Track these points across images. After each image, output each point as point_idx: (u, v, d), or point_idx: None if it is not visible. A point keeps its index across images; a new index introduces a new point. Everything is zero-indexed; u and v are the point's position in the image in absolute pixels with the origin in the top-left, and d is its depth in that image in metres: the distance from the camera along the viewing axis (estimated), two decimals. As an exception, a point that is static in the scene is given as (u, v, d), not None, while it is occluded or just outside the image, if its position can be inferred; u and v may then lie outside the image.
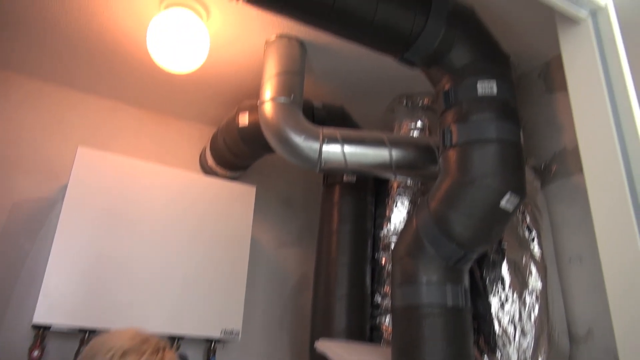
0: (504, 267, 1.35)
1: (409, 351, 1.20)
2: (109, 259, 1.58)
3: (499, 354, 1.28)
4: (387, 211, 1.78)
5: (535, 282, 1.34)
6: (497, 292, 1.34)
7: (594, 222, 1.18)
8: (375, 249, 1.80)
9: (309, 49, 1.70)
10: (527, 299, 1.32)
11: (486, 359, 1.30)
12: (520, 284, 1.33)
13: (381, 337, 1.65)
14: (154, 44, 1.50)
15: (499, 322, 1.30)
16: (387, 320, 1.65)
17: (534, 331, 1.29)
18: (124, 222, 1.65)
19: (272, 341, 2.05)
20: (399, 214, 1.74)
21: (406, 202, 1.75)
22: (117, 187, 1.67)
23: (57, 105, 1.95)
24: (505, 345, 1.28)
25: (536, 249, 1.39)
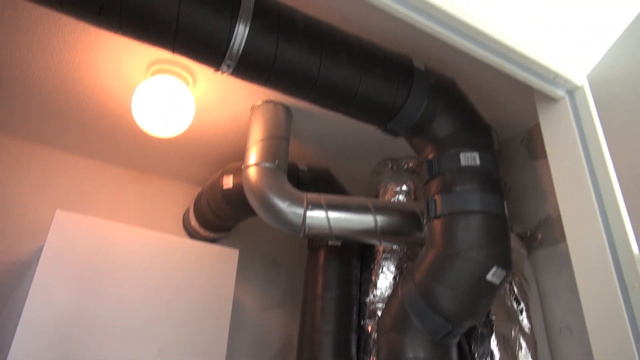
0: (493, 341, 1.31)
1: None
2: (83, 324, 1.50)
3: None
4: (373, 276, 1.74)
5: (525, 357, 1.30)
6: (487, 368, 1.29)
7: (580, 293, 1.17)
8: (361, 315, 1.74)
9: (295, 113, 1.72)
10: (518, 376, 1.27)
11: None
12: (510, 360, 1.29)
13: (367, 412, 1.57)
14: (140, 111, 1.50)
15: (489, 401, 1.25)
16: (373, 393, 1.58)
17: (525, 411, 1.23)
18: (101, 286, 1.58)
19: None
20: (385, 280, 1.71)
21: (392, 267, 1.72)
22: (95, 251, 1.62)
23: (39, 165, 1.93)
24: None
25: (525, 321, 1.36)
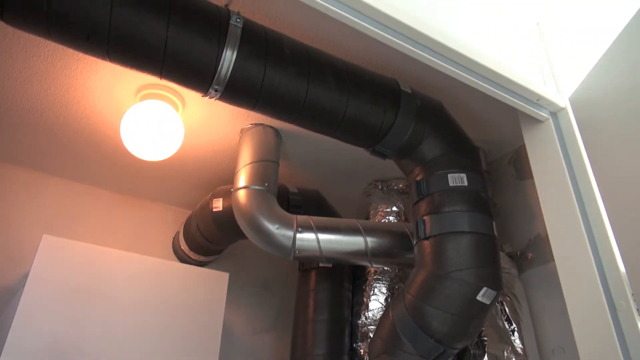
0: (485, 363, 1.30)
1: None
2: (69, 352, 1.47)
3: None
4: (365, 298, 1.73)
5: (518, 379, 1.29)
6: (480, 391, 1.27)
7: (569, 312, 1.17)
8: (353, 338, 1.72)
9: (284, 136, 1.73)
10: (511, 398, 1.26)
11: None
12: (502, 382, 1.28)
13: None
14: (128, 135, 1.50)
15: None
16: (366, 419, 1.55)
17: None
18: (88, 312, 1.56)
19: None
20: (376, 302, 1.69)
21: (384, 289, 1.71)
22: (82, 276, 1.60)
23: (25, 189, 1.91)
24: None
25: (517, 341, 1.35)
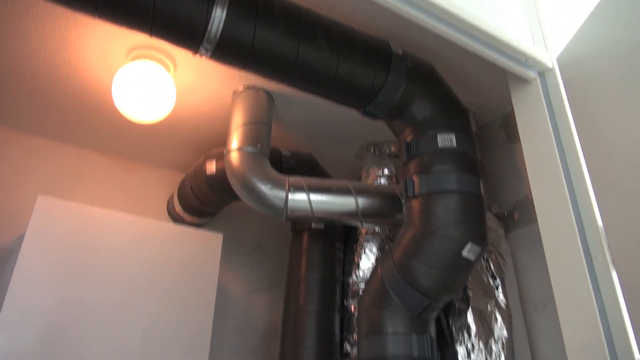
0: (470, 315, 1.36)
1: (375, 406, 1.18)
2: (67, 311, 1.52)
3: (466, 406, 1.27)
4: (356, 258, 1.77)
5: (500, 330, 1.35)
6: (463, 340, 1.33)
7: (549, 266, 1.21)
8: (344, 296, 1.78)
9: (277, 99, 1.73)
10: (493, 348, 1.32)
11: (454, 412, 1.28)
12: (486, 333, 1.34)
13: (351, 388, 1.61)
14: (120, 95, 1.50)
15: (466, 373, 1.30)
16: (356, 370, 1.62)
17: (500, 382, 1.29)
18: (85, 272, 1.60)
19: (240, 394, 1.98)
20: (367, 261, 1.74)
21: (374, 249, 1.76)
22: (78, 236, 1.63)
23: (19, 152, 1.92)
24: (472, 396, 1.27)
25: (501, 296, 1.40)
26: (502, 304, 1.39)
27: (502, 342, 1.34)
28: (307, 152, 1.92)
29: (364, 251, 1.77)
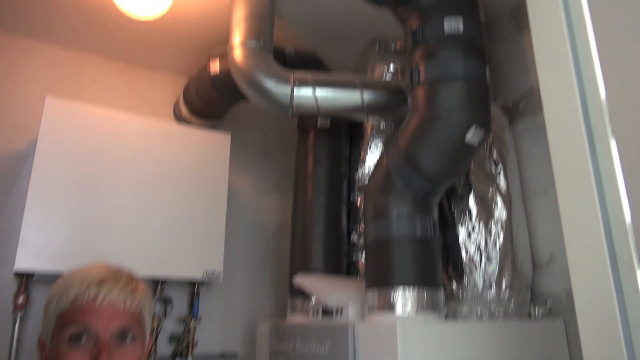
0: (471, 199, 1.41)
1: (381, 280, 1.27)
2: (86, 207, 1.60)
3: (466, 280, 1.36)
4: (362, 154, 1.81)
5: (500, 212, 1.41)
6: (465, 222, 1.40)
7: (552, 157, 1.24)
8: (350, 190, 1.85)
9: (278, -8, 1.68)
10: (493, 228, 1.39)
11: (454, 285, 1.38)
12: (486, 215, 1.40)
13: (357, 273, 1.73)
14: (117, -12, 1.46)
15: (466, 251, 1.38)
16: (363, 257, 1.72)
17: (498, 257, 1.37)
18: (99, 170, 1.66)
19: (254, 283, 2.13)
20: (373, 157, 1.78)
21: (380, 145, 1.79)
22: (89, 138, 1.67)
23: (21, 56, 1.90)
24: (472, 271, 1.36)
25: (502, 182, 1.45)
26: (503, 189, 1.44)
27: (501, 224, 1.40)
28: (310, 50, 1.89)
29: (370, 147, 1.80)
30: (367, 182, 1.42)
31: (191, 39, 1.94)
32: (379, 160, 1.41)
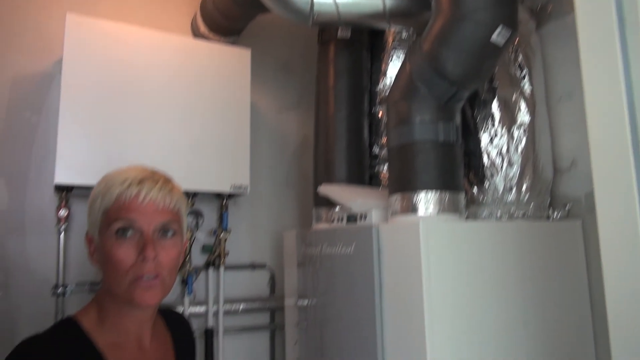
0: (495, 104, 1.41)
1: (404, 184, 1.31)
2: (116, 122, 1.65)
3: (486, 184, 1.40)
4: (383, 65, 1.79)
5: (523, 117, 1.41)
6: (487, 128, 1.41)
7: (581, 59, 1.21)
8: (372, 103, 1.85)
9: None
10: (515, 133, 1.40)
11: (475, 190, 1.42)
12: (509, 119, 1.40)
13: (379, 184, 1.77)
14: None
15: (488, 155, 1.40)
16: (384, 168, 1.76)
17: (520, 161, 1.39)
18: (125, 87, 1.68)
19: (279, 198, 2.21)
20: (394, 68, 1.76)
21: (402, 56, 1.76)
22: (114, 54, 1.68)
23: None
24: (493, 175, 1.39)
25: (527, 86, 1.44)
26: (527, 94, 1.43)
27: (524, 128, 1.41)
28: (329, -43, 1.81)
29: (391, 59, 1.78)
30: (390, 90, 1.42)
31: (205, -51, 1.87)
32: (402, 66, 1.39)
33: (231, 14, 1.82)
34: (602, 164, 1.16)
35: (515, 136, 1.40)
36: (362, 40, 1.84)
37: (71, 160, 1.56)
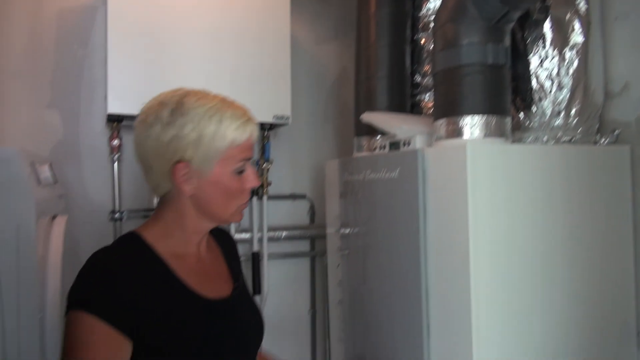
0: (547, 25, 1.36)
1: (449, 109, 1.30)
2: (162, 53, 1.68)
3: (534, 108, 1.38)
4: (427, -12, 1.73)
5: (577, 37, 1.36)
6: (537, 50, 1.37)
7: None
8: (414, 30, 1.80)
9: None
10: (567, 54, 1.36)
11: (522, 115, 1.40)
12: (561, 40, 1.36)
13: (421, 113, 1.77)
14: None
15: (537, 79, 1.37)
16: (427, 97, 1.75)
17: (570, 84, 1.35)
18: (169, 16, 1.69)
19: (318, 129, 2.24)
20: (438, -8, 1.70)
21: (446, -22, 1.69)
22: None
23: None
24: (541, 99, 1.37)
25: (582, 4, 1.37)
26: (582, 12, 1.37)
27: (577, 50, 1.36)
28: None
29: (435, -18, 1.71)
30: (437, 12, 1.38)
31: None
32: None
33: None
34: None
35: (567, 58, 1.36)
36: (404, -38, 1.77)
37: (123, 91, 1.61)
